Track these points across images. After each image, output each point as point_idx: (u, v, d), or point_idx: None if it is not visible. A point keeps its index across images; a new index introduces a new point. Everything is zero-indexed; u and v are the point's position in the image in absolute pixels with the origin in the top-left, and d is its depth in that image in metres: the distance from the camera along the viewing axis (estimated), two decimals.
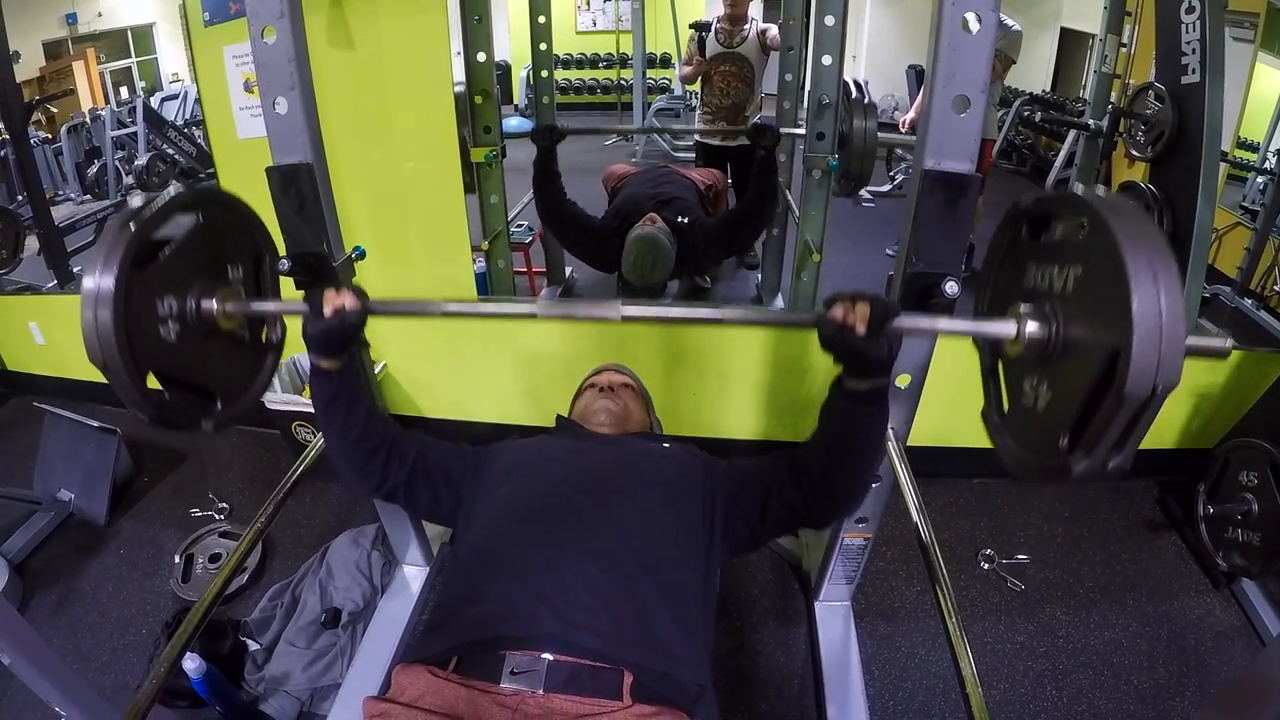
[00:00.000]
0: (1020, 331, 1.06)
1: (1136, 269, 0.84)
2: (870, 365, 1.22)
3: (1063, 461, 0.97)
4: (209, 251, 1.28)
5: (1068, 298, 1.01)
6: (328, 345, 1.37)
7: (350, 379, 1.46)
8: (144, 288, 1.11)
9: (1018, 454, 1.13)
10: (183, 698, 1.89)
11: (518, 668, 1.19)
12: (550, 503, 1.50)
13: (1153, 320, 0.83)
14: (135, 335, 1.08)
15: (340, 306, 1.31)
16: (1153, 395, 0.85)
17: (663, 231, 2.96)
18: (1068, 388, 1.00)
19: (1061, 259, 1.03)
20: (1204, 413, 2.62)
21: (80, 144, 5.77)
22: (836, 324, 1.17)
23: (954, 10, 1.13)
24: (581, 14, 9.88)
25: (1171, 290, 0.84)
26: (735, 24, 3.86)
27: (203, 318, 1.24)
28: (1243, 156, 4.17)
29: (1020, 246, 1.15)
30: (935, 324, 1.22)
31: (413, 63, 2.23)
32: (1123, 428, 0.88)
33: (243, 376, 1.40)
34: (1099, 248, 0.91)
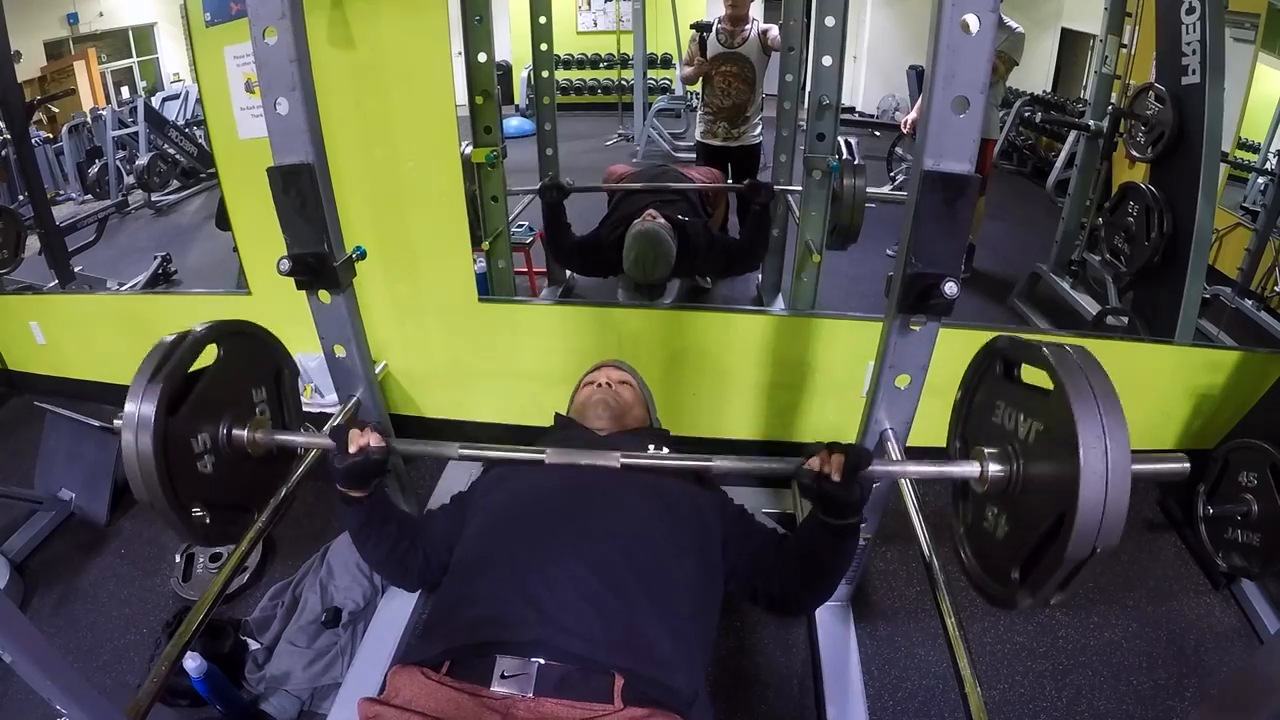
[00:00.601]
0: (984, 473, 1.21)
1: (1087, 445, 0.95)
2: (844, 509, 1.36)
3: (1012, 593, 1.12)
4: (233, 380, 1.39)
5: (1029, 447, 1.13)
6: (354, 480, 1.47)
7: (378, 507, 1.58)
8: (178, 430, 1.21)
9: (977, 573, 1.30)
10: (183, 696, 1.89)
11: (508, 671, 1.20)
12: (543, 507, 1.51)
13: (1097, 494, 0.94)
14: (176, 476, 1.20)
15: (365, 444, 1.42)
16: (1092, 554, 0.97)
17: (663, 227, 2.96)
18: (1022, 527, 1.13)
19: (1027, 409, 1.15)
20: (1204, 413, 2.62)
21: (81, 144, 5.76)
22: (814, 474, 1.32)
23: (954, 11, 1.13)
24: (582, 14, 9.87)
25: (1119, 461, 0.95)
26: (736, 24, 3.86)
27: (234, 448, 1.36)
28: (1243, 157, 4.16)
29: (994, 382, 1.29)
30: (905, 469, 1.38)
31: (414, 63, 2.23)
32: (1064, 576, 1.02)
33: (273, 485, 1.53)
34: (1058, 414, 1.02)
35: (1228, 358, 2.54)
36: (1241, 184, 4.25)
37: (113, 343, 3.20)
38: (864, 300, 3.68)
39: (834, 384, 2.64)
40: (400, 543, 1.61)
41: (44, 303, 3.51)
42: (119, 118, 5.64)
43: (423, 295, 2.66)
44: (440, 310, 2.71)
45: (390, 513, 1.60)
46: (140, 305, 3.40)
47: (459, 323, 2.73)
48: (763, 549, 1.62)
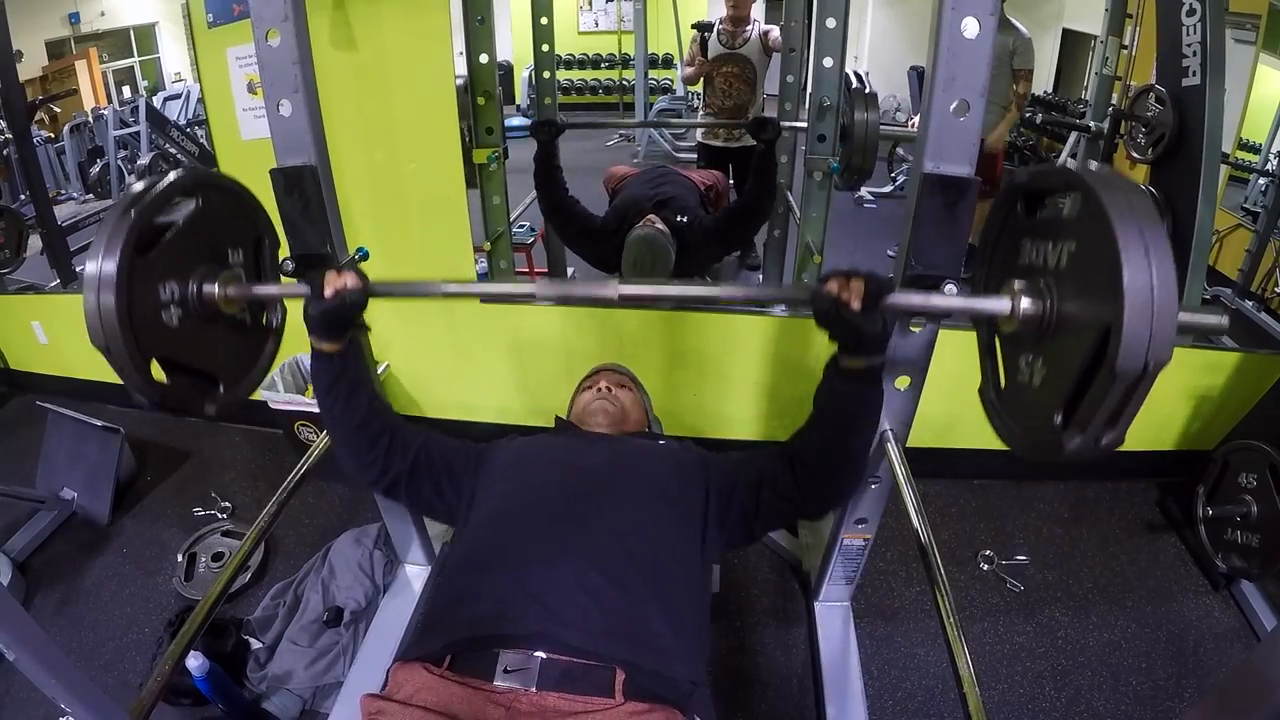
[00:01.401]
0: (1015, 308, 1.06)
1: (1128, 244, 0.84)
2: (865, 341, 1.23)
3: (1057, 438, 0.98)
4: (209, 235, 1.28)
5: (1062, 274, 1.01)
6: (329, 326, 1.39)
7: (351, 362, 1.47)
8: (146, 273, 1.11)
9: (1014, 431, 1.14)
10: (186, 696, 1.90)
11: (511, 665, 1.20)
12: (546, 502, 1.51)
13: (1144, 296, 0.83)
14: (138, 321, 1.08)
15: (341, 286, 1.34)
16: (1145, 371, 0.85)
17: (662, 233, 2.96)
18: (1062, 364, 1.00)
19: (1056, 235, 1.03)
20: (1204, 414, 2.62)
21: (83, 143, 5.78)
22: (831, 298, 1.18)
23: (954, 15, 1.13)
24: (583, 15, 9.89)
25: (1164, 265, 0.83)
26: (737, 25, 3.86)
27: (204, 302, 1.24)
28: (1244, 158, 4.17)
29: (1016, 222, 1.15)
30: (929, 301, 1.22)
31: (415, 64, 2.24)
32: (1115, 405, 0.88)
33: (244, 360, 1.41)
34: (1092, 224, 0.91)
35: (1227, 359, 2.54)
36: (1242, 185, 4.26)
37: None
38: None
39: None
40: (370, 423, 1.52)
41: (46, 302, 3.52)
42: (120, 117, 5.66)
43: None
44: (442, 311, 2.71)
45: (362, 380, 1.51)
46: None
47: (461, 323, 2.74)
48: (758, 456, 1.53)
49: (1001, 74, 3.77)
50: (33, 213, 3.70)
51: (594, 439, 1.76)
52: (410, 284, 1.45)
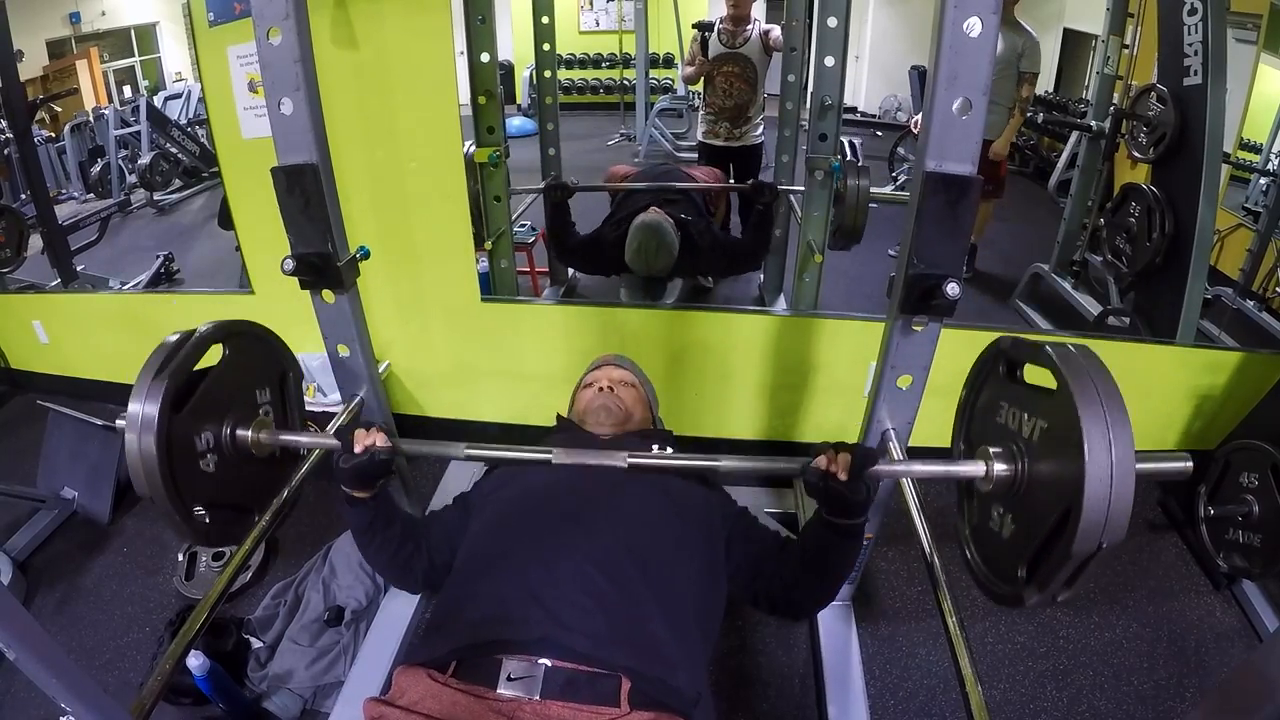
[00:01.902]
0: (989, 472, 1.21)
1: (1092, 440, 0.95)
2: (850, 508, 1.36)
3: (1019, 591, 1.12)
4: (238, 380, 1.39)
5: (1034, 445, 1.14)
6: (359, 481, 1.46)
7: (383, 507, 1.57)
8: (182, 428, 1.21)
9: (983, 572, 1.30)
10: (186, 695, 1.89)
11: (515, 673, 1.20)
12: (547, 506, 1.51)
13: (1103, 489, 0.94)
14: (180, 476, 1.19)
15: (371, 444, 1.43)
16: (1099, 550, 0.97)
17: (667, 219, 2.96)
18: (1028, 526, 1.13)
19: (1031, 408, 1.15)
20: (1205, 414, 2.62)
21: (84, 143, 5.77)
22: (820, 472, 1.32)
23: (956, 13, 1.13)
24: (584, 14, 9.87)
25: (1124, 459, 0.95)
26: (738, 24, 3.86)
27: (238, 447, 1.36)
28: (1245, 158, 4.16)
29: (997, 382, 1.29)
30: (911, 469, 1.39)
31: (416, 63, 2.24)
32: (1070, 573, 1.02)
33: (275, 488, 1.52)
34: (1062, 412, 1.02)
35: (1229, 358, 2.54)
36: (1243, 184, 4.25)
37: (115, 342, 3.20)
38: (866, 301, 3.67)
39: (836, 384, 2.64)
40: (405, 545, 1.60)
41: (47, 302, 3.52)
42: (121, 117, 5.65)
43: (426, 295, 2.67)
44: (443, 310, 2.71)
45: (395, 514, 1.60)
46: (143, 304, 3.40)
47: (462, 322, 2.74)
48: (764, 551, 1.62)
49: (1008, 76, 3.77)
50: (33, 212, 3.70)
51: (598, 443, 1.77)
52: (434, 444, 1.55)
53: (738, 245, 3.33)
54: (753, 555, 1.62)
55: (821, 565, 1.50)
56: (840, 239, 2.65)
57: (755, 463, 1.53)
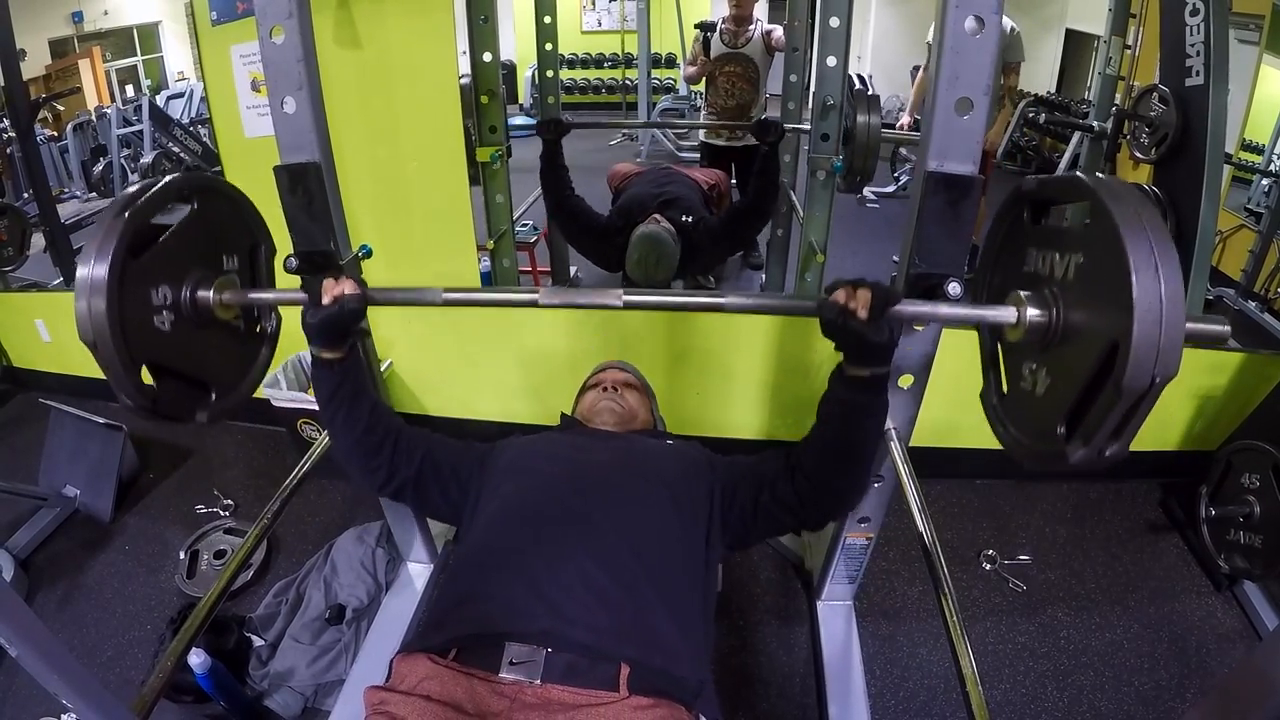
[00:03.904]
0: (1021, 317, 1.05)
1: (1138, 260, 0.83)
2: (871, 351, 1.23)
3: (1059, 448, 0.97)
4: (205, 240, 1.26)
5: (1068, 284, 1.00)
6: (329, 334, 1.38)
7: (353, 370, 1.47)
8: (138, 277, 1.09)
9: (1016, 439, 1.13)
10: (188, 693, 1.90)
11: (516, 658, 1.20)
12: (552, 500, 1.51)
13: (1153, 313, 0.82)
14: (129, 325, 1.07)
15: (340, 294, 1.32)
16: (1151, 386, 0.85)
17: (666, 231, 2.96)
18: (1067, 375, 1.00)
19: (1063, 245, 1.02)
20: (1207, 415, 2.62)
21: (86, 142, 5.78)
22: (838, 308, 1.18)
23: (957, 13, 1.13)
24: (587, 14, 9.90)
25: (1172, 281, 0.83)
26: (740, 24, 3.87)
27: (198, 308, 1.22)
28: (1247, 159, 4.16)
29: (1021, 230, 1.15)
30: (936, 311, 1.22)
31: (419, 62, 2.24)
32: (1120, 418, 0.88)
33: (238, 368, 1.39)
34: (1101, 237, 0.90)
35: (1230, 359, 2.54)
36: (1245, 185, 4.25)
37: None
38: None
39: None
40: (374, 430, 1.52)
41: (49, 300, 3.52)
42: (123, 116, 5.66)
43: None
44: (445, 309, 2.69)
45: (363, 387, 1.51)
46: None
47: (463, 322, 2.74)
48: (762, 461, 1.54)
49: None
50: (36, 211, 3.71)
51: (601, 436, 1.76)
52: (409, 290, 1.42)
53: (739, 206, 3.23)
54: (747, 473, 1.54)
55: (844, 433, 1.38)
56: (850, 179, 2.58)
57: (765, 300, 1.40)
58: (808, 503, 1.45)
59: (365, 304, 1.35)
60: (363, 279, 1.38)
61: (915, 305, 1.20)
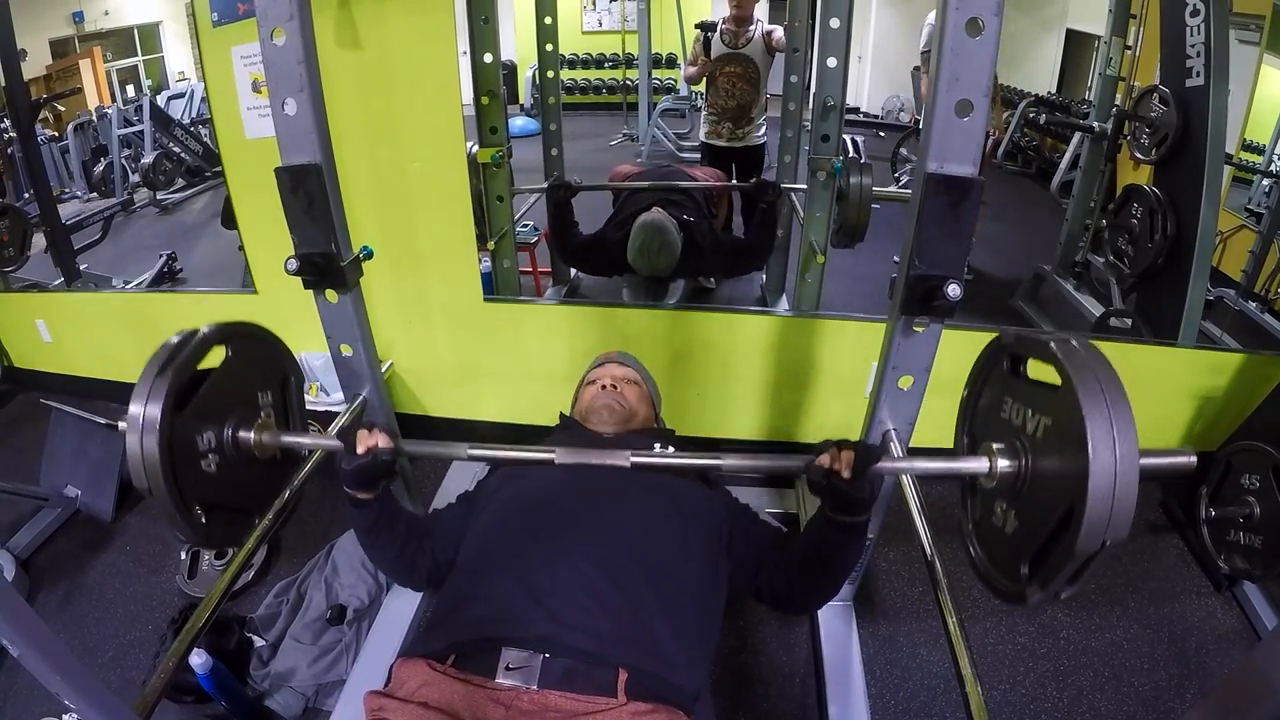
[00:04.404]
0: (993, 468, 1.18)
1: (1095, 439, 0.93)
2: (854, 505, 1.35)
3: (1021, 588, 1.11)
4: (240, 382, 1.37)
5: (1037, 442, 1.12)
6: (362, 482, 1.46)
7: (385, 508, 1.56)
8: (184, 427, 1.19)
9: (986, 568, 1.27)
10: (189, 693, 1.90)
11: (513, 664, 1.21)
12: (550, 505, 1.52)
13: (1106, 487, 0.93)
14: (181, 475, 1.17)
15: (373, 445, 1.41)
16: (1102, 548, 0.96)
17: (670, 218, 2.97)
18: (1031, 522, 1.11)
19: (1034, 404, 1.14)
20: (1207, 416, 2.62)
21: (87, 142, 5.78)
22: (824, 470, 1.30)
23: (957, 15, 1.13)
24: (587, 14, 9.88)
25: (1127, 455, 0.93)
26: (741, 25, 3.86)
27: (240, 449, 1.34)
28: (1248, 159, 4.16)
29: (999, 378, 1.27)
30: (913, 465, 1.39)
31: (420, 64, 2.24)
32: (1073, 571, 1.00)
33: (276, 491, 1.49)
34: (1065, 409, 1.00)
35: (1231, 360, 2.54)
36: (1246, 186, 4.25)
37: (118, 340, 3.21)
38: (868, 301, 3.69)
39: (838, 384, 2.64)
40: (408, 544, 1.60)
41: (50, 300, 3.53)
42: (124, 116, 5.66)
43: (428, 295, 2.67)
44: (446, 310, 2.72)
45: (398, 514, 1.60)
46: (145, 303, 3.41)
47: (464, 322, 2.74)
48: (767, 546, 1.62)
49: None
50: (37, 211, 3.71)
51: (600, 441, 1.78)
52: (435, 444, 1.52)
53: (740, 244, 3.34)
54: (754, 552, 1.62)
55: (824, 562, 1.50)
56: (843, 237, 2.64)
57: (758, 460, 1.53)
58: (785, 600, 1.61)
59: (396, 456, 1.43)
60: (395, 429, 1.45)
61: (894, 462, 1.38)
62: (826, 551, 1.48)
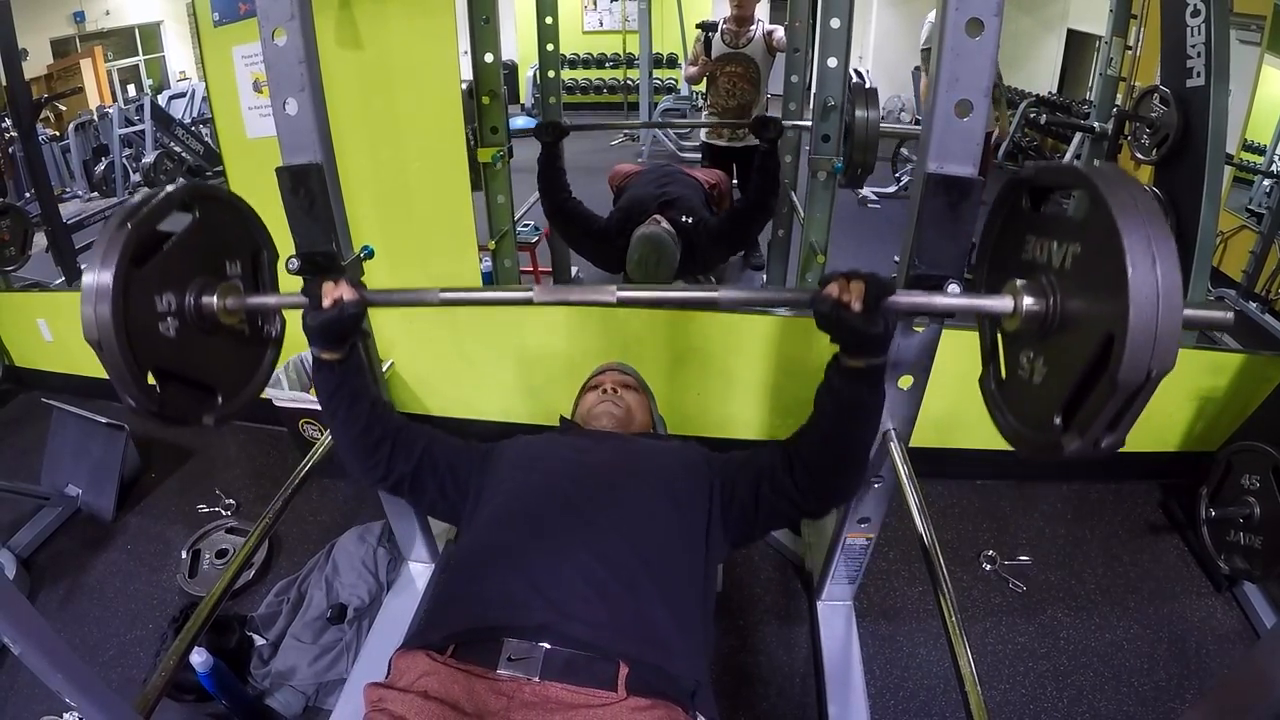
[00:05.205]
0: (1018, 306, 1.06)
1: (1134, 253, 0.83)
2: (866, 342, 1.22)
3: (1055, 439, 0.98)
4: (207, 247, 1.28)
5: (1065, 274, 1.00)
6: (328, 336, 1.40)
7: (353, 370, 1.49)
8: (143, 285, 1.11)
9: (1014, 427, 1.14)
10: (190, 692, 1.91)
11: (515, 654, 1.20)
12: (552, 498, 1.51)
13: (1149, 306, 0.82)
14: (135, 332, 1.09)
15: (339, 297, 1.34)
16: (1147, 380, 0.84)
17: (667, 232, 2.97)
18: (1063, 365, 1.00)
19: (1060, 234, 1.02)
20: (1207, 415, 2.62)
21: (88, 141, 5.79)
22: (832, 301, 1.18)
23: (957, 15, 1.13)
24: (588, 14, 9.90)
25: (1169, 274, 0.82)
26: (741, 25, 3.87)
27: (202, 313, 1.24)
28: (1248, 159, 4.16)
29: (1020, 216, 1.14)
30: (932, 301, 1.22)
31: (421, 63, 2.25)
32: (1115, 411, 0.88)
33: (242, 371, 1.41)
34: (1098, 227, 0.89)
35: (1231, 360, 2.54)
36: (1247, 186, 4.25)
37: None
38: None
39: None
40: (373, 428, 1.54)
41: (51, 300, 3.53)
42: (125, 116, 5.67)
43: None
44: (446, 310, 2.71)
45: (364, 387, 1.53)
46: None
47: (464, 322, 2.74)
48: (759, 454, 1.53)
49: None
50: (38, 210, 3.71)
51: (600, 437, 1.76)
52: (405, 292, 1.43)
53: (741, 206, 3.24)
54: (745, 465, 1.54)
55: (840, 423, 1.37)
56: (850, 173, 2.59)
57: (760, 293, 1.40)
58: (807, 493, 1.44)
59: (364, 307, 1.37)
60: (362, 282, 1.38)
61: (910, 296, 1.21)
62: (841, 409, 1.35)
